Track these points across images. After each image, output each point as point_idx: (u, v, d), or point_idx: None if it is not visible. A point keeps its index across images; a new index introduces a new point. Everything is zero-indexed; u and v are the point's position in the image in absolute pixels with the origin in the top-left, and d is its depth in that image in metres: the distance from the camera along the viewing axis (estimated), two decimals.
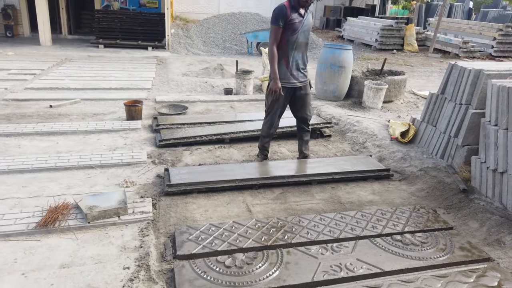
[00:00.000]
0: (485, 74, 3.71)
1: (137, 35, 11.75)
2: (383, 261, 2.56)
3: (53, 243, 2.58)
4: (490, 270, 2.54)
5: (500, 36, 13.02)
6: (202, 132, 4.65)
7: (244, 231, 2.80)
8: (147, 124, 5.10)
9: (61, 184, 3.39)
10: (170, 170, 3.64)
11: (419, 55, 13.23)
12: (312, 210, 3.29)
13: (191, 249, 2.57)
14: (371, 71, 7.14)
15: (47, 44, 10.83)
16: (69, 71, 7.83)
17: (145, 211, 2.95)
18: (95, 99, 6.09)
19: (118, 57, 9.95)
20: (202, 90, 7.22)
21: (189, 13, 17.54)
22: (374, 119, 5.52)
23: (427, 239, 2.83)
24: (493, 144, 3.35)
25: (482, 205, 3.33)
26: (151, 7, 13.54)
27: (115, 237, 2.68)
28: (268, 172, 3.78)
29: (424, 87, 7.93)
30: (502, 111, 3.30)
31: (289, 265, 2.48)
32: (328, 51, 6.50)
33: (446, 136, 4.08)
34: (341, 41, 15.16)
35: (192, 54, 11.37)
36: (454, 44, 13.02)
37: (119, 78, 7.50)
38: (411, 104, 6.70)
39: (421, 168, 4.03)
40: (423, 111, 4.57)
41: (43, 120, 5.02)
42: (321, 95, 6.63)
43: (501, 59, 12.52)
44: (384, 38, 13.62)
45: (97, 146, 4.31)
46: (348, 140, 4.97)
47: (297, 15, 3.60)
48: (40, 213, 2.82)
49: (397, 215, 3.16)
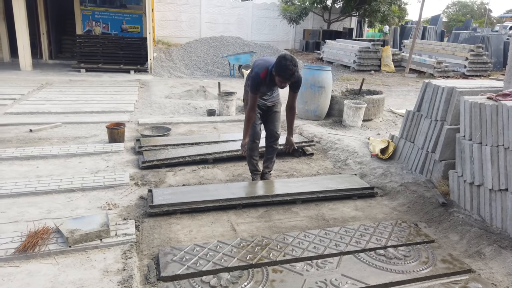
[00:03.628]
0: (457, 91, 3.88)
1: (119, 59, 11.78)
2: (368, 276, 2.59)
3: (33, 268, 2.51)
4: (472, 281, 2.59)
5: (471, 56, 13.60)
6: (185, 153, 4.66)
7: (229, 250, 2.79)
8: (130, 146, 5.08)
9: (41, 209, 3.32)
10: (153, 191, 3.62)
11: (396, 75, 13.65)
12: (297, 227, 3.30)
13: (175, 270, 2.54)
14: (350, 91, 7.34)
15: (28, 69, 10.73)
16: (50, 95, 7.77)
17: (128, 233, 2.91)
18: (76, 123, 6.04)
19: (100, 81, 9.93)
20: (185, 111, 7.25)
21: (171, 37, 17.75)
22: (355, 137, 5.64)
23: (409, 252, 2.88)
24: (468, 158, 3.46)
25: (461, 218, 3.41)
26: (133, 32, 13.66)
27: (97, 260, 2.63)
28: (252, 191, 3.79)
29: (402, 106, 8.17)
30: (475, 126, 3.44)
31: (275, 283, 2.47)
32: (308, 72, 6.67)
33: (424, 151, 4.20)
34: (320, 63, 15.54)
35: (174, 77, 11.44)
36: (429, 64, 13.51)
37: (101, 101, 7.47)
38: (390, 122, 6.88)
39: (402, 183, 4.12)
40: (401, 128, 4.71)
41: (23, 145, 4.94)
42: (302, 114, 6.74)
43: (473, 78, 13.03)
44: (362, 59, 14.03)
45: (78, 169, 4.26)
46: (330, 158, 5.05)
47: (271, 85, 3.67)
48: (19, 238, 2.75)
49: (380, 230, 3.20)
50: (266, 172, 4.19)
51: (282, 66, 3.36)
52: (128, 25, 13.67)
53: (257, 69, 3.60)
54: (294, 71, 3.37)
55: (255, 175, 4.16)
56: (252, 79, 3.62)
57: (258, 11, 19.62)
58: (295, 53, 17.23)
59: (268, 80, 3.59)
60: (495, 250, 2.94)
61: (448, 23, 37.28)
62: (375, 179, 4.35)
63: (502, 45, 15.95)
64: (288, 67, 3.34)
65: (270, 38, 19.57)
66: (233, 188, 3.82)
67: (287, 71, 3.36)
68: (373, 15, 19.06)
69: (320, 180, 4.16)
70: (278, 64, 3.39)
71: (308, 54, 17.98)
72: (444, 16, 40.08)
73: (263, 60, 3.68)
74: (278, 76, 3.43)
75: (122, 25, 13.60)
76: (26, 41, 10.57)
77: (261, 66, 3.59)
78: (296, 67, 3.39)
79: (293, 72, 3.37)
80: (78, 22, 13.06)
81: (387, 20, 19.76)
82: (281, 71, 3.38)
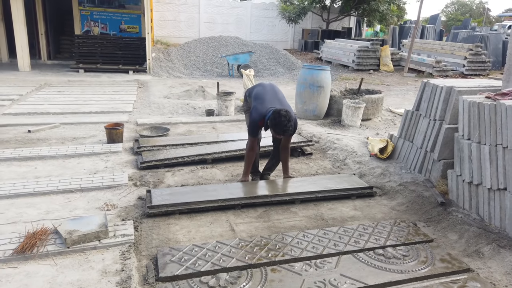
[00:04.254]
0: (456, 90, 3.88)
1: (118, 59, 11.77)
2: (366, 276, 2.59)
3: (31, 269, 2.50)
4: (471, 281, 2.59)
5: (470, 56, 13.60)
6: (184, 153, 4.65)
7: (227, 251, 2.78)
8: (129, 147, 5.07)
9: (39, 210, 3.32)
10: (152, 192, 3.61)
11: (395, 74, 13.66)
12: (295, 227, 3.30)
13: (174, 270, 2.54)
14: (349, 91, 7.34)
15: (26, 69, 10.72)
16: (49, 96, 7.76)
17: (127, 234, 2.91)
18: (75, 123, 6.03)
19: (99, 81, 9.92)
20: (184, 112, 7.24)
21: (170, 37, 17.74)
22: (354, 136, 5.64)
23: (408, 252, 2.88)
24: (467, 158, 3.46)
25: (460, 217, 3.41)
26: (132, 32, 13.64)
27: (95, 261, 2.63)
28: (251, 191, 3.79)
29: (401, 105, 8.17)
30: (474, 126, 3.44)
31: (273, 283, 2.47)
32: (307, 72, 6.67)
33: (422, 151, 4.20)
34: (319, 62, 15.54)
35: (173, 77, 11.43)
36: (428, 63, 13.52)
37: (100, 101, 7.47)
38: (388, 121, 6.88)
39: (400, 183, 4.12)
40: (399, 128, 4.71)
41: (21, 145, 4.93)
42: (301, 114, 6.74)
43: (472, 77, 13.04)
44: (361, 59, 14.03)
45: (77, 170, 4.25)
46: (329, 158, 5.05)
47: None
48: (17, 239, 2.75)
49: (379, 229, 3.20)
50: (265, 174, 4.22)
51: (276, 123, 3.51)
52: (127, 25, 13.65)
53: (255, 114, 3.69)
54: (288, 126, 3.51)
55: (255, 175, 4.18)
56: (251, 124, 3.75)
57: (256, 11, 19.62)
58: (294, 53, 17.23)
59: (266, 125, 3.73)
60: (494, 249, 2.94)
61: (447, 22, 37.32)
62: (374, 178, 4.35)
63: (500, 44, 15.96)
64: (282, 123, 3.48)
65: (269, 37, 19.57)
66: (232, 188, 3.82)
67: (281, 127, 3.51)
68: (372, 14, 19.06)
69: (318, 180, 4.16)
70: (273, 120, 3.53)
71: (307, 54, 17.99)
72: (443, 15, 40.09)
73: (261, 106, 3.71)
74: (272, 130, 3.60)
75: (121, 25, 13.58)
76: (25, 41, 10.55)
77: (259, 114, 3.67)
78: (290, 122, 3.53)
79: (287, 128, 3.51)
80: (77, 22, 13.03)
81: (386, 20, 19.76)
82: (275, 127, 3.54)
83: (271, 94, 3.85)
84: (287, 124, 3.49)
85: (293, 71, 12.76)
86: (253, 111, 3.73)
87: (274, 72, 12.81)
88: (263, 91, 3.88)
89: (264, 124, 3.70)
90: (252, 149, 3.84)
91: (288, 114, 3.53)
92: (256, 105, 3.75)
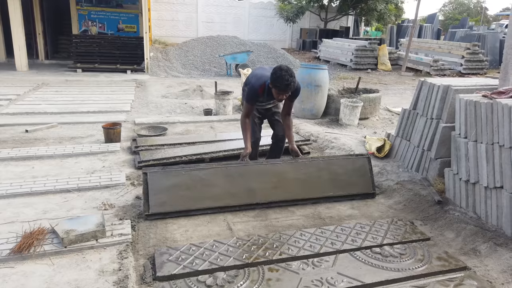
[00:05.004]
0: (453, 89, 3.89)
1: (115, 59, 11.75)
2: (363, 274, 2.59)
3: (28, 269, 2.50)
4: (467, 279, 2.60)
5: (468, 55, 13.63)
6: (182, 153, 4.65)
7: (225, 250, 2.79)
8: (126, 146, 5.07)
9: (36, 209, 3.31)
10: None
11: (393, 73, 13.68)
12: (293, 226, 3.31)
13: (171, 269, 2.54)
14: (347, 90, 7.34)
15: (24, 69, 10.69)
16: (46, 96, 7.74)
17: (124, 233, 2.91)
18: (72, 123, 6.02)
19: (97, 80, 9.90)
20: (181, 111, 7.24)
21: (168, 36, 17.72)
22: (351, 135, 5.65)
23: (405, 250, 2.89)
24: (464, 156, 3.47)
25: (457, 215, 3.43)
26: (130, 31, 13.62)
27: (93, 261, 2.62)
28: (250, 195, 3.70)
29: (399, 104, 8.18)
30: (470, 124, 3.45)
31: (271, 282, 2.47)
32: (305, 71, 6.67)
33: (419, 150, 4.21)
34: (317, 61, 15.56)
35: (171, 77, 11.42)
36: (425, 62, 13.55)
37: (98, 101, 7.45)
38: (386, 120, 6.89)
39: (398, 181, 4.13)
40: (397, 126, 4.72)
41: (19, 145, 4.92)
42: (299, 113, 6.75)
43: (469, 76, 13.06)
44: (359, 58, 14.05)
45: (74, 169, 4.25)
46: None
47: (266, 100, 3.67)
48: (14, 239, 2.74)
49: (376, 228, 3.21)
50: None
51: (277, 77, 3.29)
52: (125, 24, 13.63)
53: (254, 80, 3.52)
54: (290, 81, 3.28)
55: None
56: (249, 90, 3.56)
57: (255, 10, 19.61)
58: (292, 52, 17.23)
59: (266, 94, 3.55)
60: (491, 248, 2.95)
61: (444, 21, 37.39)
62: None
63: (498, 43, 16.00)
64: (283, 77, 3.26)
65: (267, 37, 19.56)
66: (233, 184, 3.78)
67: (282, 81, 3.27)
68: (369, 13, 19.08)
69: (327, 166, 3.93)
70: (273, 75, 3.33)
71: (305, 53, 18.00)
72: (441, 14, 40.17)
73: (261, 72, 3.59)
74: (274, 88, 3.37)
75: (119, 25, 13.56)
76: (22, 41, 10.53)
77: (258, 78, 3.52)
78: (292, 77, 3.30)
79: (289, 82, 3.28)
80: (74, 22, 13.00)
81: (384, 19, 19.77)
82: (276, 82, 3.31)
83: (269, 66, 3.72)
84: (289, 79, 3.25)
85: None
86: (252, 78, 3.56)
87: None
88: (261, 67, 3.75)
89: (265, 89, 3.48)
90: (247, 116, 3.61)
91: (290, 70, 3.32)
92: (255, 72, 3.59)
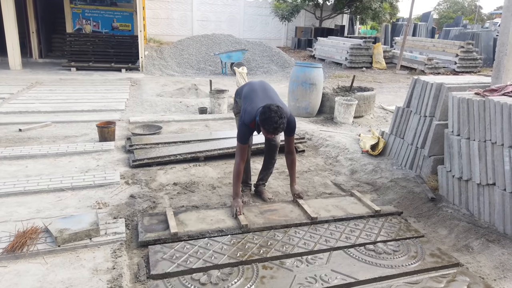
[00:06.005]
0: (446, 87, 3.91)
1: (110, 57, 11.69)
2: (357, 271, 2.61)
3: (21, 268, 2.49)
4: (460, 275, 2.63)
5: (462, 53, 13.71)
6: (176, 151, 4.64)
7: (219, 248, 2.79)
8: (121, 145, 5.05)
9: (30, 208, 3.29)
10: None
11: (387, 72, 13.73)
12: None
13: (165, 268, 2.54)
14: (342, 88, 7.36)
15: (17, 68, 10.61)
16: (40, 95, 7.69)
17: (118, 232, 2.90)
18: (66, 122, 5.99)
19: (91, 79, 9.85)
20: (176, 110, 7.22)
21: (162, 35, 17.65)
22: (346, 133, 5.67)
23: (399, 247, 2.91)
24: (457, 154, 3.50)
25: (450, 212, 3.45)
26: (124, 30, 13.56)
27: (86, 259, 2.62)
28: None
29: (393, 102, 8.22)
30: (463, 122, 3.47)
31: (265, 279, 2.48)
32: (299, 70, 6.68)
33: (413, 147, 4.24)
34: (312, 60, 15.57)
35: (166, 75, 11.39)
36: (420, 61, 13.60)
37: (92, 100, 7.42)
38: (380, 118, 6.91)
39: (392, 179, 4.15)
40: (391, 124, 4.74)
41: (12, 144, 4.89)
42: (294, 112, 6.75)
43: (463, 74, 13.14)
44: (354, 56, 14.08)
45: (68, 168, 4.23)
46: (321, 155, 5.07)
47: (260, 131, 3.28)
48: (7, 238, 2.73)
49: (370, 225, 3.22)
50: (260, 185, 3.84)
51: (266, 118, 3.02)
52: (119, 23, 13.58)
53: (245, 116, 3.25)
54: (279, 123, 3.01)
55: (246, 187, 3.77)
56: (240, 128, 3.31)
57: (250, 8, 19.58)
58: (287, 51, 17.24)
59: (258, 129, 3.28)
60: (483, 244, 2.98)
61: (439, 20, 37.55)
62: (365, 175, 4.37)
63: (492, 42, 16.10)
64: (272, 119, 2.99)
65: (262, 35, 19.54)
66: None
67: (271, 123, 3.01)
68: (364, 12, 19.12)
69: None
70: (262, 115, 3.05)
71: (300, 52, 18.00)
72: (435, 13, 40.32)
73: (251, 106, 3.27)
74: (262, 127, 3.11)
75: (113, 23, 13.50)
76: (15, 39, 10.45)
77: (248, 113, 3.24)
78: (282, 118, 3.03)
79: (278, 125, 3.01)
80: (68, 20, 12.93)
81: (379, 17, 19.82)
82: (264, 124, 3.05)
83: (261, 92, 3.42)
84: (278, 121, 2.99)
85: (286, 69, 12.77)
86: (243, 113, 3.31)
87: (267, 70, 12.81)
88: (253, 90, 3.46)
89: (256, 125, 3.24)
90: (241, 161, 3.30)
91: (280, 110, 3.04)
92: (246, 107, 3.30)
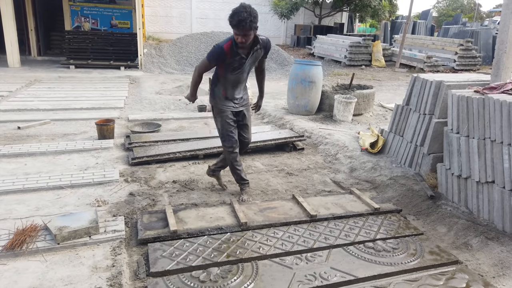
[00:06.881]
0: (445, 85, 3.91)
1: (109, 55, 11.67)
2: (357, 268, 2.61)
3: (20, 266, 2.49)
4: (459, 272, 2.63)
5: (461, 51, 13.70)
6: (175, 149, 4.64)
7: (218, 245, 2.79)
8: (120, 143, 5.04)
9: (29, 206, 3.29)
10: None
11: (387, 70, 13.72)
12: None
13: (165, 265, 2.54)
14: (341, 86, 7.36)
15: (16, 65, 10.59)
16: (39, 92, 7.67)
17: (117, 230, 2.90)
18: (65, 120, 5.98)
19: (90, 77, 9.83)
20: (175, 107, 7.22)
21: (161, 33, 17.62)
22: (345, 131, 5.67)
23: (398, 245, 2.91)
24: (456, 151, 3.50)
25: (449, 210, 3.46)
26: (123, 28, 13.52)
27: (86, 257, 2.62)
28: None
29: (392, 100, 8.21)
30: (462, 119, 3.47)
31: (264, 277, 2.48)
32: (299, 67, 6.67)
33: (412, 145, 4.24)
34: (312, 58, 15.54)
35: (165, 73, 11.37)
36: (419, 59, 13.59)
37: (91, 98, 7.41)
38: (380, 116, 6.91)
39: (391, 177, 4.15)
40: (390, 122, 4.74)
41: (11, 142, 4.88)
42: (293, 109, 6.75)
43: (462, 72, 13.14)
44: (353, 54, 14.06)
45: (67, 166, 4.22)
46: (320, 153, 5.07)
47: (239, 58, 3.26)
48: (6, 236, 2.73)
49: (369, 223, 3.23)
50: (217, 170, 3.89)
51: (233, 13, 3.03)
52: (118, 20, 13.53)
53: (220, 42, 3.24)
54: (245, 17, 2.98)
55: (243, 185, 3.75)
56: (212, 50, 3.25)
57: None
58: (286, 48, 17.21)
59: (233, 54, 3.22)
60: (482, 242, 2.99)
61: (438, 18, 37.52)
62: (364, 172, 4.38)
63: (491, 40, 16.09)
64: (240, 13, 2.98)
65: (261, 33, 19.18)
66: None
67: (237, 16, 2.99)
68: (363, 9, 19.08)
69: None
70: (231, 14, 3.06)
71: (300, 50, 17.97)
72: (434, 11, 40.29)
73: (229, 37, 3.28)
74: (232, 28, 3.07)
75: (112, 21, 13.46)
76: (14, 37, 10.42)
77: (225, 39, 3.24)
78: (250, 16, 3.01)
79: (243, 18, 2.97)
80: (67, 18, 12.88)
81: (378, 15, 19.79)
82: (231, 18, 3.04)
83: None
84: (244, 14, 2.96)
85: (286, 67, 12.75)
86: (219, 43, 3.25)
87: (266, 68, 12.76)
88: None
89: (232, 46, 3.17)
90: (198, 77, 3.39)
91: (250, 8, 3.04)
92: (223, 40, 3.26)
